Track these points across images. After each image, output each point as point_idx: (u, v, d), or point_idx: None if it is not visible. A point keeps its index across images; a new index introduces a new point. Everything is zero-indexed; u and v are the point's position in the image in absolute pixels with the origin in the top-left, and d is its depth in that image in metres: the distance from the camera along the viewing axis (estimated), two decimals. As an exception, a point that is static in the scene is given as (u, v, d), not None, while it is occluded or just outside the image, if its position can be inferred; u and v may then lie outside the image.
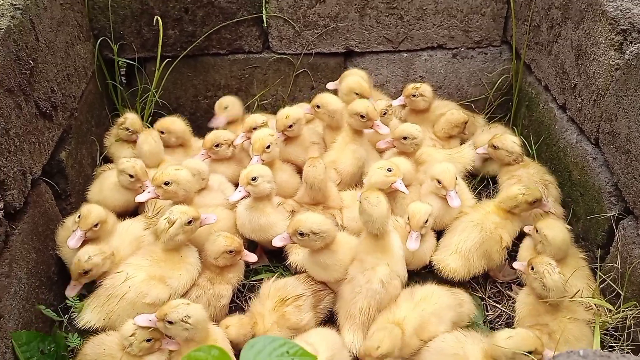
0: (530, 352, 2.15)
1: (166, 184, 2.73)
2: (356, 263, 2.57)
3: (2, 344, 2.19)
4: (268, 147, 2.97)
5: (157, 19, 3.44)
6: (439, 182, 2.85)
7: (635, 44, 2.45)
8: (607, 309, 2.53)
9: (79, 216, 2.65)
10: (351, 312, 2.49)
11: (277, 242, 2.58)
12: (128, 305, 2.46)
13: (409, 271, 2.68)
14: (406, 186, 2.93)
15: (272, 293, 2.59)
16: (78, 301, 2.55)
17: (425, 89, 3.53)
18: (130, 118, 3.32)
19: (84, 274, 2.54)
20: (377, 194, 2.53)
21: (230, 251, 2.61)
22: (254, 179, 2.72)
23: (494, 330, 2.63)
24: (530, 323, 2.48)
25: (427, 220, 2.68)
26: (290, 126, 3.17)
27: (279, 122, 3.20)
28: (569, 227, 2.82)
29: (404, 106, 3.67)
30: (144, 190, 2.86)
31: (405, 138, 3.13)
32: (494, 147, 3.19)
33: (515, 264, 2.73)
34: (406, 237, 2.68)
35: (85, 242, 2.65)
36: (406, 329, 2.39)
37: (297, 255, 2.78)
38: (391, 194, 2.89)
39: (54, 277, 2.67)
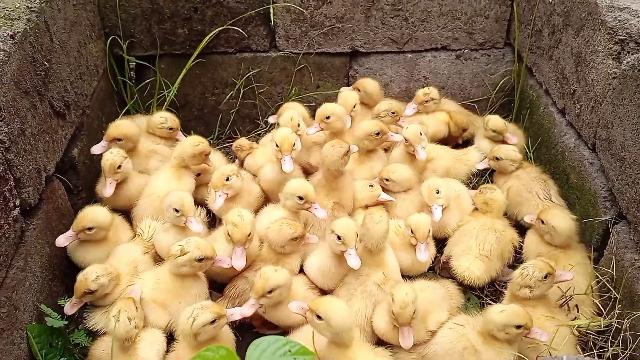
0: (519, 326, 2.29)
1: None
2: (352, 272, 2.65)
3: (18, 334, 2.30)
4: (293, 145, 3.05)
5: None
6: (412, 231, 2.81)
7: (632, 54, 2.52)
8: (595, 311, 2.65)
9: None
10: None
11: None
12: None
13: (409, 277, 2.80)
14: (408, 190, 3.08)
15: None
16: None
17: (434, 91, 3.66)
18: (170, 117, 3.45)
19: (88, 293, 2.50)
20: (382, 212, 2.64)
21: (295, 238, 2.67)
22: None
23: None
24: None
25: (429, 230, 2.76)
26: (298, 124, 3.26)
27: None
28: (573, 217, 2.95)
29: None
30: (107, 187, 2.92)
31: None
32: (497, 159, 3.27)
33: (526, 218, 3.00)
34: (406, 242, 2.80)
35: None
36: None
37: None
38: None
39: (66, 270, 2.77)
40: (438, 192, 2.95)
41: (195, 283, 2.59)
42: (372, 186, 3.06)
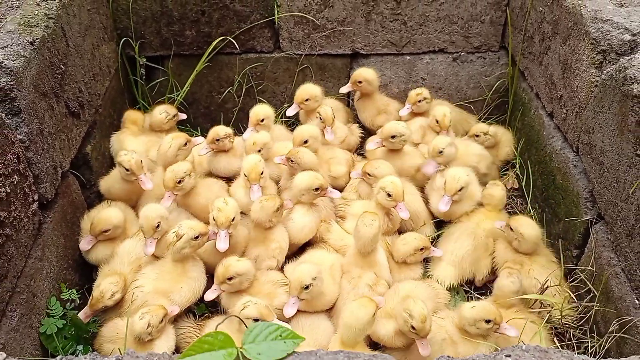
0: (489, 321, 2.46)
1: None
2: (344, 275, 2.81)
3: (35, 319, 2.50)
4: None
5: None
6: (389, 195, 2.98)
7: (612, 64, 2.67)
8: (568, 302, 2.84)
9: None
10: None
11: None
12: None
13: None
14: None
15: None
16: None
17: (425, 92, 3.82)
18: (168, 107, 3.70)
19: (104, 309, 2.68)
20: (374, 216, 2.72)
21: (277, 209, 2.88)
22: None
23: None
24: None
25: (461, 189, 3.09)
26: (259, 151, 3.24)
27: (249, 148, 3.27)
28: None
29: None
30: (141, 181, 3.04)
31: (393, 137, 3.38)
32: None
33: (496, 224, 3.10)
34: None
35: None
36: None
37: None
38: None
39: (80, 260, 2.97)
40: (460, 190, 3.11)
41: (194, 266, 2.77)
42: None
